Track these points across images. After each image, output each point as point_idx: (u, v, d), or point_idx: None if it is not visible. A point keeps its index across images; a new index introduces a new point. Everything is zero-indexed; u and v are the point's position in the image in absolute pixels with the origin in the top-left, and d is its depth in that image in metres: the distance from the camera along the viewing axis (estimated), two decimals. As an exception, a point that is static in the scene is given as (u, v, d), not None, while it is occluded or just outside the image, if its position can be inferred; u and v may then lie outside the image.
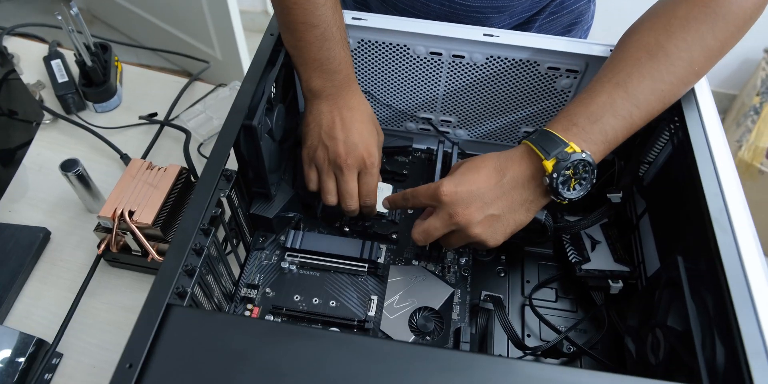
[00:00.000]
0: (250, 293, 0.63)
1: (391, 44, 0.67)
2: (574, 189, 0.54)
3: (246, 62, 1.82)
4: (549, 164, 0.52)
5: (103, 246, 0.65)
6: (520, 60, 0.66)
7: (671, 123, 0.62)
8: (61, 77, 0.84)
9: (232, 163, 0.57)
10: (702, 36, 0.54)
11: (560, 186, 0.53)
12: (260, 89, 0.59)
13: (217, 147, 0.54)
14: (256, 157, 0.59)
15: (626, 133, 0.55)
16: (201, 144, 0.82)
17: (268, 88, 0.59)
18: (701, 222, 0.51)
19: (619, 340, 0.62)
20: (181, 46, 1.93)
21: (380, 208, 0.70)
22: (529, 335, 0.63)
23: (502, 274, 0.68)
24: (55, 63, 0.86)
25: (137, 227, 0.62)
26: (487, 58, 0.66)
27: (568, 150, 0.52)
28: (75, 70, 0.85)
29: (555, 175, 0.52)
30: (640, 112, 0.54)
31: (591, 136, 0.53)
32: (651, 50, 0.55)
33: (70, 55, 0.89)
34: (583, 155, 0.52)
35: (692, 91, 0.59)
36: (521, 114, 0.73)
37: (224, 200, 0.57)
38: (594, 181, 0.55)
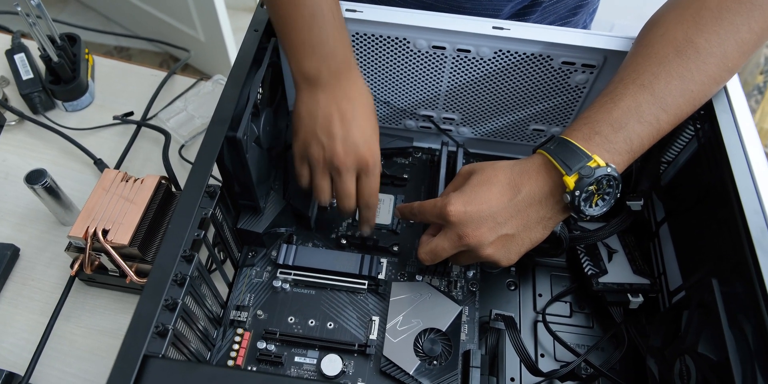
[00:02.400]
0: (239, 316, 0.58)
1: (389, 38, 0.60)
2: (597, 205, 0.49)
3: (230, 44, 1.73)
4: (571, 180, 0.46)
5: (76, 266, 0.59)
6: (532, 54, 0.60)
7: (696, 119, 0.57)
8: (26, 73, 0.77)
9: (216, 171, 0.52)
10: (736, 29, 0.48)
11: (582, 203, 0.47)
12: (245, 94, 0.52)
13: (199, 163, 0.48)
14: (242, 171, 0.53)
15: (652, 140, 0.49)
16: (182, 146, 0.75)
17: (253, 93, 0.53)
18: (739, 242, 0.46)
19: (638, 358, 0.58)
20: (161, 27, 1.83)
21: (379, 219, 0.65)
22: (543, 355, 0.59)
23: (512, 288, 0.63)
24: (19, 57, 0.79)
25: (113, 247, 0.56)
26: (496, 53, 0.60)
27: (592, 164, 0.46)
28: (41, 64, 0.78)
29: (578, 193, 0.46)
30: (668, 116, 0.49)
31: (615, 146, 0.48)
32: (679, 46, 0.49)
33: (36, 48, 0.81)
34: (609, 170, 0.46)
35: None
36: (531, 111, 0.67)
37: (208, 219, 0.52)
38: (618, 195, 0.49)
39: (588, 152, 0.47)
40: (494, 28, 0.58)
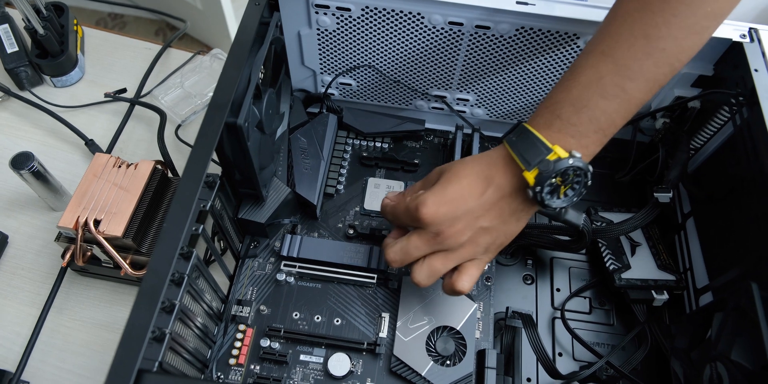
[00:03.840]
0: (241, 311, 0.55)
1: (402, 12, 0.55)
2: (566, 195, 0.45)
3: (229, 12, 1.65)
4: (530, 176, 0.43)
5: (67, 257, 0.55)
6: (557, 32, 0.55)
7: (734, 97, 0.52)
8: (10, 46, 0.72)
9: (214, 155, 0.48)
10: None
11: (547, 197, 0.44)
12: (245, 75, 0.48)
13: (196, 152, 0.44)
14: (243, 159, 0.49)
15: (625, 113, 0.44)
16: (179, 126, 0.71)
17: (255, 74, 0.48)
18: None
19: (661, 359, 0.55)
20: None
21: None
22: (560, 354, 0.56)
23: (529, 282, 0.60)
24: (2, 29, 0.73)
25: (105, 239, 0.53)
26: (518, 30, 0.55)
27: (552, 157, 0.42)
28: (27, 37, 0.73)
29: (538, 189, 0.43)
30: (637, 83, 0.43)
31: (579, 128, 0.43)
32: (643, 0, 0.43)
33: (20, 18, 0.75)
34: (570, 161, 0.42)
35: (763, 55, 0.50)
36: (552, 93, 0.62)
37: (207, 211, 0.48)
38: (589, 183, 0.45)
39: (547, 143, 0.43)
40: (518, 3, 0.53)
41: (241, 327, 0.54)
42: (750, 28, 0.53)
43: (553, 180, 0.43)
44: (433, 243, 0.47)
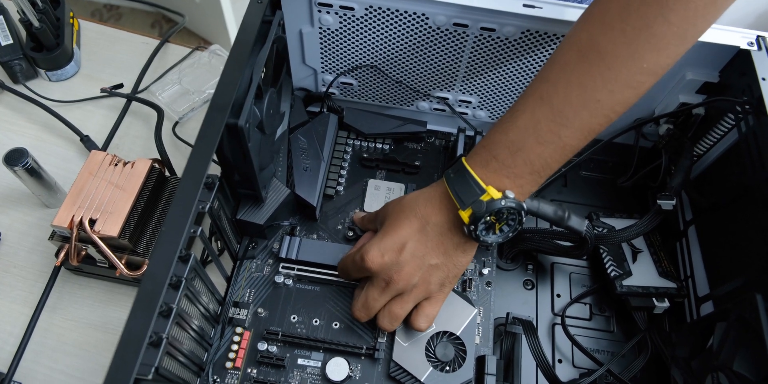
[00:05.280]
0: (238, 314, 0.54)
1: (406, 12, 0.54)
2: (501, 231, 0.47)
3: (227, 6, 1.64)
4: (465, 215, 0.45)
5: (61, 256, 0.54)
6: (563, 35, 0.54)
7: (740, 105, 0.52)
8: (5, 39, 0.70)
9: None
10: (647, 23, 0.40)
11: (482, 233, 0.46)
12: (246, 75, 0.47)
13: (196, 154, 0.43)
14: (243, 160, 0.48)
15: (559, 158, 0.45)
16: (176, 123, 0.69)
17: (256, 74, 0.47)
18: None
19: (661, 367, 0.55)
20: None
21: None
22: (560, 361, 0.55)
23: (530, 287, 0.59)
24: (-3, 20, 0.72)
25: (101, 239, 0.52)
26: (523, 33, 0.54)
27: (485, 198, 0.44)
28: (22, 29, 0.71)
29: (472, 227, 0.44)
30: (572, 131, 0.43)
31: (514, 170, 0.44)
32: (582, 49, 0.43)
33: (15, 10, 0.74)
34: (503, 203, 0.43)
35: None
36: (556, 97, 0.61)
37: (205, 212, 0.47)
38: (523, 221, 0.47)
39: (482, 184, 0.45)
40: (525, 5, 0.52)
41: (238, 330, 0.53)
42: (758, 36, 0.53)
43: (488, 218, 0.45)
44: (387, 290, 0.49)
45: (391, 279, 0.48)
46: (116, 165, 0.55)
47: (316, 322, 0.55)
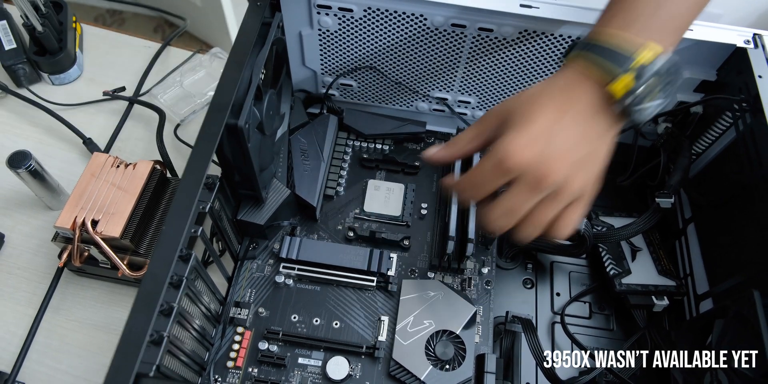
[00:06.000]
0: (239, 313, 0.55)
1: (404, 13, 0.55)
2: (657, 99, 0.40)
3: (228, 9, 1.65)
4: (619, 86, 0.39)
5: (64, 257, 0.55)
6: (560, 35, 0.54)
7: (737, 103, 0.52)
8: (8, 43, 0.71)
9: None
10: None
11: (636, 107, 0.40)
12: (246, 76, 0.47)
13: (196, 154, 0.43)
14: (243, 160, 0.49)
15: (696, 10, 0.42)
16: (178, 125, 0.70)
17: (256, 75, 0.47)
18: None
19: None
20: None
21: (389, 210, 0.61)
22: (560, 359, 0.56)
23: (529, 286, 0.59)
24: (0, 25, 0.72)
25: (103, 239, 0.52)
26: (521, 33, 0.55)
27: (641, 59, 0.38)
28: (26, 33, 0.72)
29: (629, 100, 0.39)
30: None
31: (659, 29, 0.41)
32: None
33: (18, 14, 0.75)
34: (665, 58, 0.39)
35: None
36: (554, 97, 0.62)
37: (206, 213, 0.47)
38: (677, 86, 0.41)
39: (636, 43, 0.39)
40: (522, 6, 0.52)
41: (239, 329, 0.54)
42: (754, 34, 0.53)
43: (650, 82, 0.39)
44: (538, 189, 0.40)
45: (543, 175, 0.40)
46: (118, 167, 0.56)
47: (316, 321, 0.55)
